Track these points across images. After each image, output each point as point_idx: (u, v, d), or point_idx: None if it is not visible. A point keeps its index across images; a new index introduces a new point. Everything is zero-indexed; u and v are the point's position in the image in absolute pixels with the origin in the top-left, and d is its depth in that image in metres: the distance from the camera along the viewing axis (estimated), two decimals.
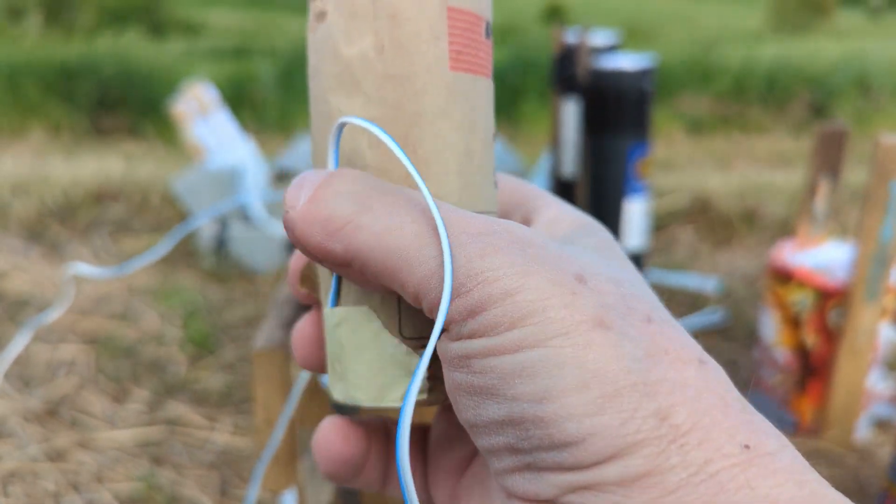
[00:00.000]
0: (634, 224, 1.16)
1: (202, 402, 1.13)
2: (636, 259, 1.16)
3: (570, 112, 1.33)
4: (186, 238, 1.68)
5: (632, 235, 1.16)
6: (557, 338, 0.17)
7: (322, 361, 0.25)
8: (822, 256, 1.02)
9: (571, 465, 0.17)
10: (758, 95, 3.41)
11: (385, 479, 0.25)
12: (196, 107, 1.72)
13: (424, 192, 0.20)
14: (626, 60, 1.15)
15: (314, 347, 0.25)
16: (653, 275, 1.48)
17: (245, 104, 3.15)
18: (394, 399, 0.22)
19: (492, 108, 0.24)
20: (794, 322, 1.01)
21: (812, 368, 1.00)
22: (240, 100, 3.12)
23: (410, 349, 0.22)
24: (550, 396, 0.17)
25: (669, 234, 1.77)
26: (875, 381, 1.02)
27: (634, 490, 0.16)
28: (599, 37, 1.33)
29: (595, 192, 1.17)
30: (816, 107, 3.35)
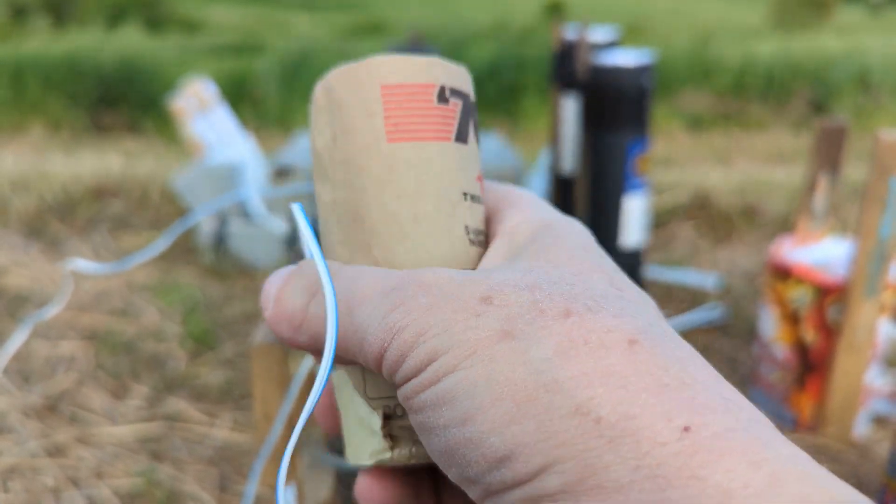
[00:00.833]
0: (634, 220, 1.16)
1: (202, 398, 1.13)
2: (635, 256, 1.16)
3: (570, 108, 1.33)
4: (186, 234, 1.68)
5: (631, 232, 1.16)
6: (466, 359, 0.18)
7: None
8: (822, 253, 1.02)
9: (514, 482, 0.17)
10: (758, 92, 3.40)
11: None
12: (196, 103, 1.72)
13: (318, 262, 0.22)
14: (626, 57, 1.15)
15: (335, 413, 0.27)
16: (652, 271, 1.48)
17: (245, 101, 3.15)
18: (364, 458, 0.24)
19: (457, 167, 0.24)
20: (793, 318, 1.01)
21: (811, 365, 1.01)
22: (240, 96, 3.12)
23: (372, 409, 0.23)
24: (471, 417, 0.17)
25: (669, 231, 1.77)
26: (874, 378, 1.02)
27: (581, 498, 0.16)
28: (599, 33, 1.32)
29: (594, 189, 1.17)
30: (816, 103, 3.34)
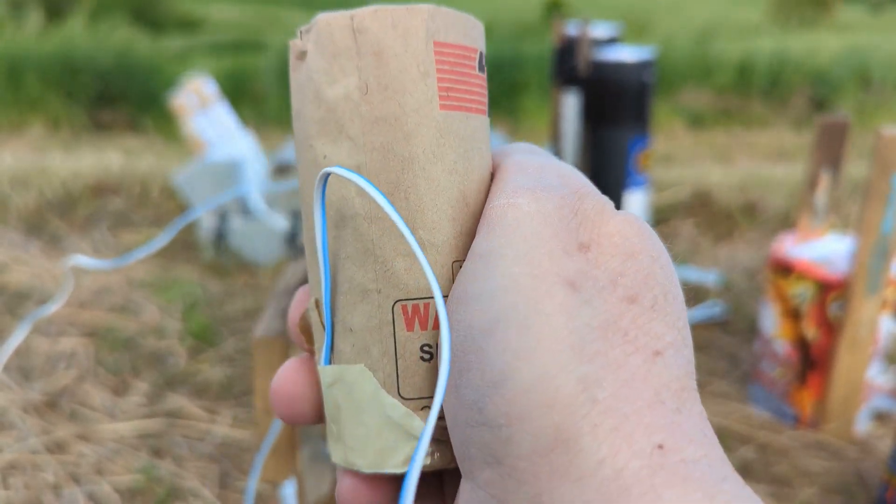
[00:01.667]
0: None
1: (202, 395, 1.13)
2: None
3: (571, 104, 1.33)
4: (186, 231, 1.68)
5: None
6: (524, 277, 0.18)
7: (305, 413, 0.24)
8: (823, 249, 1.02)
9: (490, 417, 0.17)
10: (759, 89, 3.40)
11: None
12: (196, 100, 1.72)
13: (416, 250, 0.19)
14: (627, 52, 1.15)
15: (300, 404, 0.23)
16: None
17: (245, 98, 3.15)
18: (395, 465, 0.21)
19: (488, 147, 0.22)
20: (795, 315, 1.01)
21: (812, 361, 1.00)
22: (240, 94, 3.12)
23: (410, 410, 0.21)
24: (494, 327, 0.17)
25: (670, 228, 1.77)
26: (875, 374, 1.02)
27: (542, 473, 0.16)
28: (600, 29, 1.32)
29: (596, 185, 1.17)
30: (817, 101, 3.34)
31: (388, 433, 0.21)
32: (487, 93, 0.22)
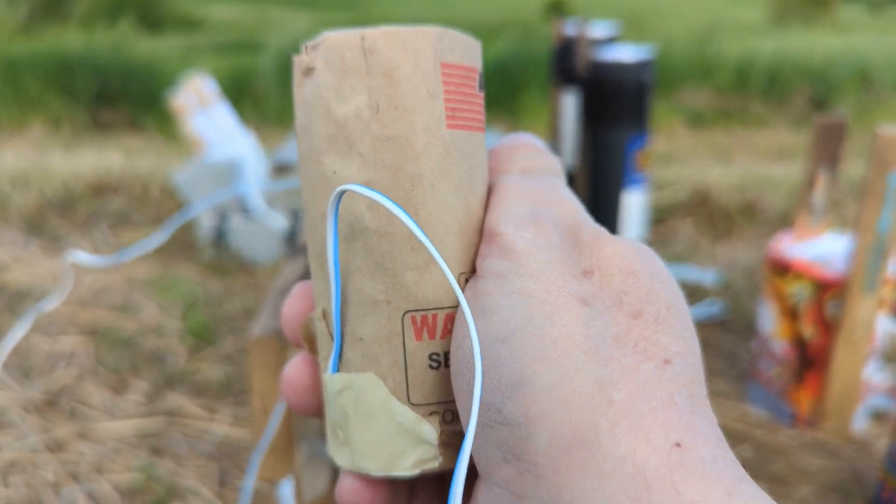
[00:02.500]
0: (633, 216, 1.16)
1: (201, 394, 1.14)
2: None
3: (570, 104, 1.33)
4: (185, 230, 1.68)
5: (631, 227, 1.16)
6: (541, 293, 0.19)
7: (312, 405, 0.25)
8: (820, 248, 1.02)
9: (510, 416, 0.18)
10: (758, 89, 3.40)
11: None
12: (195, 99, 1.72)
13: (440, 262, 0.20)
14: (626, 52, 1.15)
15: (309, 396, 0.25)
16: None
17: (245, 98, 3.15)
18: (405, 468, 0.22)
19: (486, 162, 0.23)
20: (792, 314, 1.01)
21: (809, 360, 1.01)
22: (240, 94, 3.12)
23: (420, 416, 0.22)
24: (511, 336, 0.18)
25: (669, 227, 1.77)
26: (872, 373, 1.02)
27: (561, 468, 0.17)
28: (599, 28, 1.32)
29: (594, 184, 1.17)
30: (817, 100, 3.34)
31: (399, 438, 0.22)
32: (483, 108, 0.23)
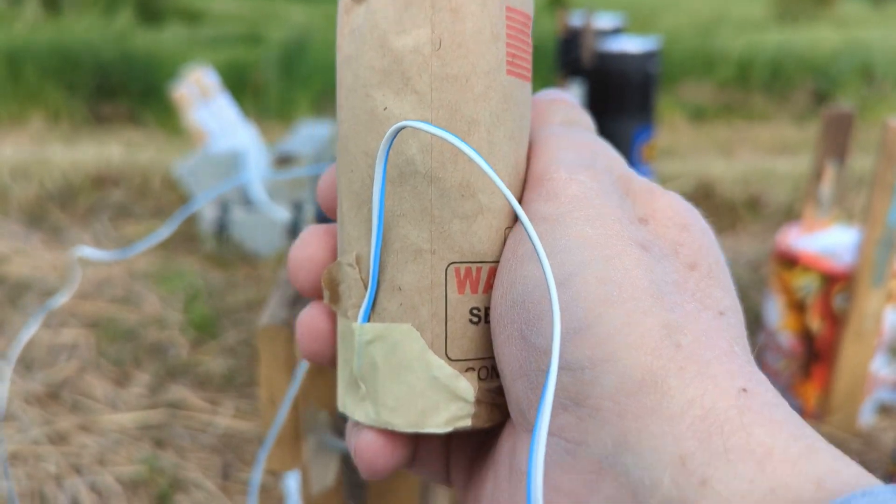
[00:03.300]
0: None
1: (204, 386, 1.13)
2: None
3: (575, 95, 1.32)
4: (187, 222, 1.67)
5: None
6: (598, 237, 0.18)
7: (325, 353, 0.24)
8: (828, 240, 1.02)
9: (572, 360, 0.17)
10: (761, 83, 3.39)
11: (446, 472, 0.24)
12: (197, 91, 1.71)
13: (514, 204, 0.18)
14: (631, 43, 1.14)
15: (325, 343, 0.24)
16: None
17: (246, 91, 3.14)
18: (436, 424, 0.21)
19: (530, 115, 0.22)
20: (799, 307, 1.00)
21: (817, 353, 1.00)
22: (240, 86, 3.11)
23: (457, 372, 0.21)
24: (569, 279, 0.18)
25: None
26: (880, 366, 1.01)
27: (627, 412, 0.16)
28: (604, 20, 1.31)
29: None
30: (819, 95, 3.33)
31: (433, 393, 0.21)
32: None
